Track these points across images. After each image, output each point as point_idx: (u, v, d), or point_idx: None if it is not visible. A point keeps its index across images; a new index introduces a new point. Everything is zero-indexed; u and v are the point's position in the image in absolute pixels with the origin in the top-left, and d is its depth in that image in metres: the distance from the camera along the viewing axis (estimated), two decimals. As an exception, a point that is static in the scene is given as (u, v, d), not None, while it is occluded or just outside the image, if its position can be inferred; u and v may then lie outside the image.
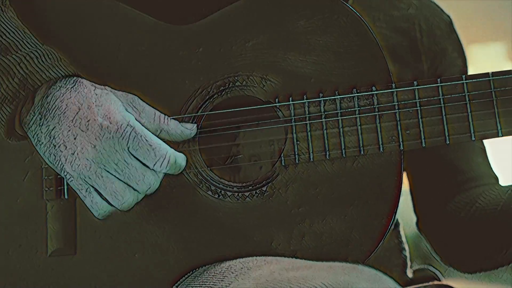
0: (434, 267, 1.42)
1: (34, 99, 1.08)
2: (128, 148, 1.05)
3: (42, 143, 1.06)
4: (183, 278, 1.12)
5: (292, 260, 1.05)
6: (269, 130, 1.18)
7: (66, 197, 1.16)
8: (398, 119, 1.10)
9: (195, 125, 1.13)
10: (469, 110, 1.09)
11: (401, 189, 1.10)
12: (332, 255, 1.08)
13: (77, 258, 1.15)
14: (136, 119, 1.09)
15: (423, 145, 1.09)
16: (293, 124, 1.12)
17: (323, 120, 1.11)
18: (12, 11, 1.13)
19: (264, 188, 1.12)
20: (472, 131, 1.09)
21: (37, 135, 1.07)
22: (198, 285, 1.06)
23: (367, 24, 1.13)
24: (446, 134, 1.09)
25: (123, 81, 1.17)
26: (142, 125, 1.09)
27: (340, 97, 1.11)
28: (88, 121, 1.05)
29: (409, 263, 1.39)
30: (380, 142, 1.10)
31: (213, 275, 1.05)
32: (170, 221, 1.14)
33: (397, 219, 1.35)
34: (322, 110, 1.11)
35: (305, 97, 1.12)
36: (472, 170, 1.36)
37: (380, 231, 1.09)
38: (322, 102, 1.12)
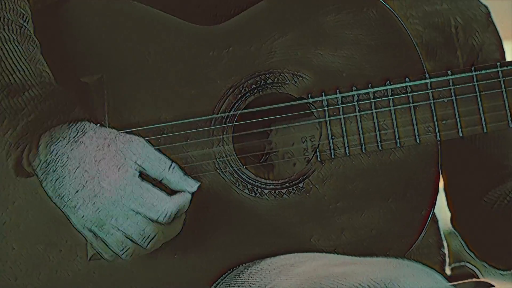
0: (471, 264, 1.40)
1: (38, 147, 1.08)
2: (130, 206, 1.06)
3: (49, 189, 1.08)
4: (222, 277, 1.12)
5: (334, 256, 1.05)
6: (302, 126, 1.18)
7: (103, 200, 1.17)
8: (433, 109, 1.09)
9: (199, 184, 1.11)
10: (505, 97, 1.08)
11: (439, 180, 1.09)
12: (372, 249, 1.08)
13: (117, 261, 1.16)
14: (140, 164, 1.08)
15: (460, 134, 1.08)
16: (327, 119, 1.12)
17: (358, 113, 1.11)
18: (33, 43, 1.13)
19: (301, 185, 1.12)
20: (509, 119, 1.07)
21: (44, 180, 1.08)
22: (239, 283, 1.06)
23: (397, 15, 1.12)
24: (483, 122, 1.08)
25: (155, 84, 1.18)
26: (145, 171, 1.08)
27: (373, 90, 1.11)
28: (88, 177, 1.06)
29: (447, 260, 1.38)
30: (416, 134, 1.09)
31: (254, 273, 1.05)
32: (208, 221, 1.14)
33: (435, 215, 1.34)
34: (356, 104, 1.11)
35: (338, 92, 1.12)
36: (509, 163, 1.35)
37: (420, 223, 1.08)
38: (356, 96, 1.11)
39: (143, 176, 1.08)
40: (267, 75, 1.15)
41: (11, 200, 1.22)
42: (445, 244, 1.39)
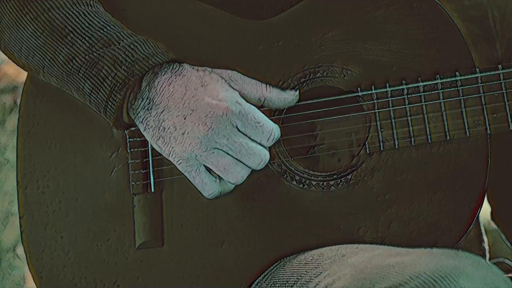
0: (509, 260, 1.40)
1: (141, 85, 1.11)
2: (237, 125, 1.07)
3: (151, 127, 1.09)
4: (271, 267, 1.13)
5: (386, 247, 1.05)
6: (348, 120, 1.19)
7: (152, 190, 1.19)
8: (483, 103, 1.10)
9: (297, 92, 1.14)
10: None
11: (488, 173, 1.09)
12: (420, 241, 1.08)
13: (164, 250, 1.18)
14: (239, 93, 1.12)
15: (511, 128, 1.08)
16: (376, 111, 1.13)
17: (407, 106, 1.12)
18: (102, 7, 1.17)
19: (349, 177, 1.13)
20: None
21: (145, 119, 1.10)
22: (289, 273, 1.07)
23: (446, 9, 1.13)
24: (535, 116, 1.08)
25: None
26: (246, 96, 1.12)
27: (423, 84, 1.12)
28: (196, 100, 1.08)
29: (488, 255, 1.38)
30: (466, 127, 1.10)
31: (305, 263, 1.06)
32: (256, 212, 1.15)
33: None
34: (406, 97, 1.12)
35: (387, 85, 1.13)
36: None
37: (469, 216, 1.08)
38: (405, 89, 1.12)
39: None
40: (316, 69, 1.16)
41: (61, 190, 1.24)
42: (485, 239, 1.39)
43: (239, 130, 1.08)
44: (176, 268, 1.16)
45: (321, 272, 1.00)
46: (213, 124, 1.06)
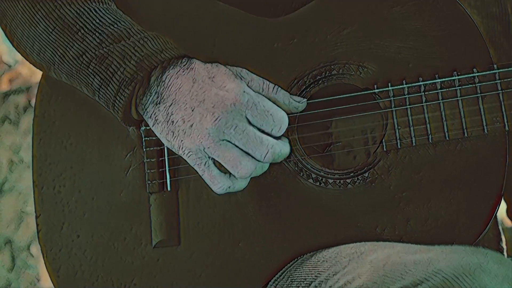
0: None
1: (149, 80, 1.11)
2: (246, 115, 1.07)
3: (160, 121, 1.09)
4: (288, 265, 1.12)
5: (405, 244, 1.04)
6: (364, 118, 1.18)
7: (169, 189, 1.19)
8: (501, 99, 1.09)
9: (305, 99, 1.14)
10: None
11: (506, 170, 1.09)
12: (439, 239, 1.07)
13: (181, 248, 1.17)
14: (249, 85, 1.11)
15: (530, 124, 1.08)
16: (393, 109, 1.12)
17: (424, 104, 1.11)
18: (115, 4, 1.18)
19: (366, 174, 1.13)
20: None
21: (154, 114, 1.10)
22: (307, 271, 1.06)
23: (462, 5, 1.12)
24: (553, 113, 1.07)
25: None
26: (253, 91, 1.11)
27: (440, 81, 1.11)
28: (204, 92, 1.07)
29: (505, 254, 1.37)
30: (484, 124, 1.09)
31: (323, 261, 1.05)
32: (272, 210, 1.15)
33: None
34: (423, 94, 1.11)
35: (404, 82, 1.12)
36: None
37: (487, 214, 1.07)
38: (422, 86, 1.11)
39: None
40: (332, 66, 1.15)
41: (77, 188, 1.24)
42: (503, 238, 1.38)
43: (248, 120, 1.07)
44: (193, 266, 1.16)
45: (339, 270, 1.00)
46: (221, 115, 1.06)
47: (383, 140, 1.12)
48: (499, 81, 1.09)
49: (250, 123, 1.08)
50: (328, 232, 1.13)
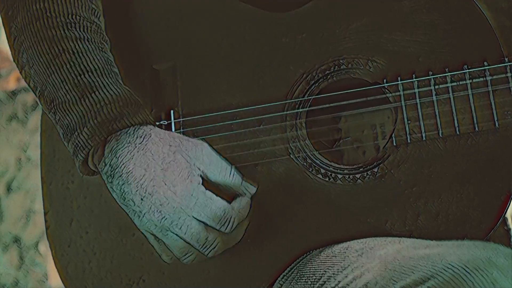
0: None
1: (104, 150, 1.09)
2: (192, 214, 1.07)
3: (114, 191, 1.08)
4: (297, 260, 1.12)
5: (415, 239, 1.03)
6: (373, 113, 1.18)
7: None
8: (513, 93, 1.08)
9: (256, 188, 1.14)
10: None
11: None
12: (449, 234, 1.06)
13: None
14: (203, 172, 1.10)
15: (541, 118, 1.06)
16: (403, 103, 1.11)
17: (434, 98, 1.10)
18: (103, 40, 1.16)
19: (375, 169, 1.12)
20: None
21: (109, 183, 1.09)
22: (316, 266, 1.06)
23: (474, -1, 1.11)
24: None
25: (227, 70, 1.19)
26: (209, 177, 1.10)
27: (451, 74, 1.10)
28: (153, 186, 1.06)
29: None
30: (495, 118, 1.08)
31: (332, 256, 1.04)
32: (281, 205, 1.14)
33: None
34: (433, 88, 1.10)
35: (414, 76, 1.12)
36: None
37: (499, 208, 1.06)
38: (432, 80, 1.11)
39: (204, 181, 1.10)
40: (341, 61, 1.15)
41: (85, 185, 1.24)
42: (513, 234, 1.37)
43: (194, 218, 1.07)
44: (201, 262, 1.16)
45: (348, 265, 0.99)
46: (166, 215, 1.06)
47: (393, 135, 1.12)
48: (510, 74, 1.08)
49: (197, 219, 1.08)
50: (337, 228, 1.12)
